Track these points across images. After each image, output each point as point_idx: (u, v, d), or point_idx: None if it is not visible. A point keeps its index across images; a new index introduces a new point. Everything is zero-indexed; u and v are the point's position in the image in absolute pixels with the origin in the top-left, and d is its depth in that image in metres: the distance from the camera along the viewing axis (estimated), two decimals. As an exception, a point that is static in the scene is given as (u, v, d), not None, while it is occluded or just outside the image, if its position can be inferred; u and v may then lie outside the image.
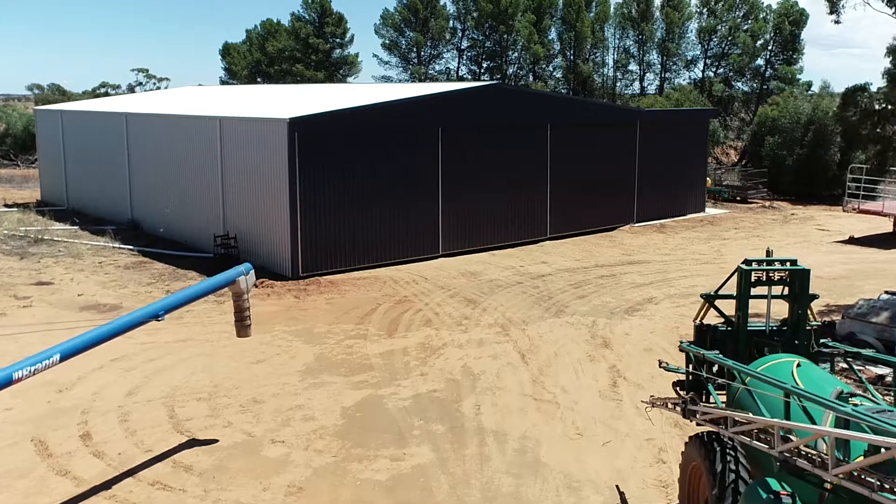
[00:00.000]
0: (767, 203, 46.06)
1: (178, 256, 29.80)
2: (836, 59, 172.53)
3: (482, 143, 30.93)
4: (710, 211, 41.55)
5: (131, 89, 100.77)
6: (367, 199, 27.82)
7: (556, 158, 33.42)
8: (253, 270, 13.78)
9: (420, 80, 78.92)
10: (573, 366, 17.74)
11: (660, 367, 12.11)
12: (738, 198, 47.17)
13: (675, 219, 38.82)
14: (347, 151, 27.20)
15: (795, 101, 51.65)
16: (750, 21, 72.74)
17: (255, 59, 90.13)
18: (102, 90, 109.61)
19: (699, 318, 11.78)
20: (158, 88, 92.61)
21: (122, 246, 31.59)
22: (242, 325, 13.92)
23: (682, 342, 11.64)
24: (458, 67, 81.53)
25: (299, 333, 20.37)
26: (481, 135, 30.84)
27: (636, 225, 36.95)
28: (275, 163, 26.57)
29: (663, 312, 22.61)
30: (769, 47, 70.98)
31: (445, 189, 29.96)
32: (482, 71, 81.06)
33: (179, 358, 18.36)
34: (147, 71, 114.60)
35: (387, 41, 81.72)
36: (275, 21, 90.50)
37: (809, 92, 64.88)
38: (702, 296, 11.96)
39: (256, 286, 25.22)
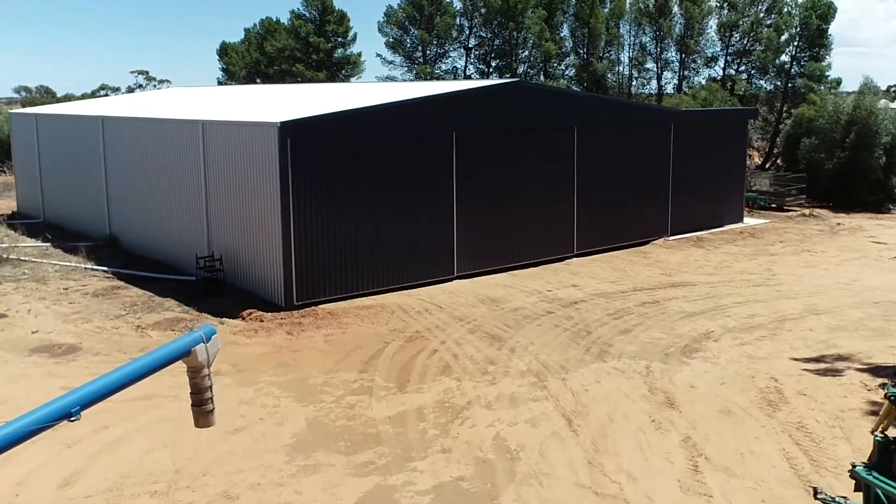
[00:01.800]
0: (807, 211, 42.24)
1: (156, 280, 26.12)
2: (839, 59, 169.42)
3: (501, 149, 27.22)
4: (749, 221, 37.75)
5: (131, 92, 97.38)
6: (371, 214, 24.12)
7: (584, 165, 29.69)
8: (217, 335, 10.00)
9: (426, 80, 75.23)
10: (635, 437, 13.99)
11: (815, 498, 8.28)
12: (774, 205, 43.37)
13: (713, 231, 35.03)
14: (348, 159, 23.52)
15: (836, 101, 47.75)
16: (773, 16, 68.84)
17: (253, 60, 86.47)
18: (102, 92, 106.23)
19: (880, 429, 7.94)
20: (163, 90, 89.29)
21: (94, 267, 27.90)
22: (202, 411, 10.12)
23: (854, 465, 7.82)
24: (466, 66, 77.78)
25: (290, 386, 16.66)
26: (500, 139, 27.13)
27: (670, 238, 33.19)
28: (264, 173, 22.88)
29: (728, 353, 18.85)
30: (795, 43, 67.07)
31: (460, 201, 26.25)
32: (490, 70, 77.26)
33: (137, 425, 14.65)
34: (147, 73, 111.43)
35: (390, 39, 77.96)
36: (274, 19, 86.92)
37: (840, 90, 61.02)
38: (887, 396, 8.03)
39: (243, 318, 21.57)
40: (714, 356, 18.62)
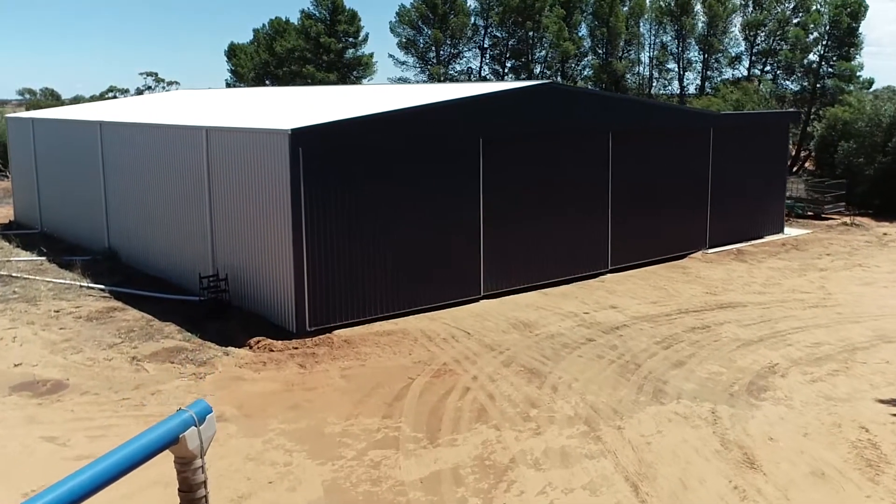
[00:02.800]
0: (848, 219, 39.81)
1: (157, 300, 24.00)
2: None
3: (531, 157, 24.98)
4: (789, 231, 35.37)
5: (140, 94, 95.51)
6: (391, 229, 21.92)
7: (619, 173, 27.42)
8: (212, 415, 7.76)
9: (440, 82, 73.07)
10: (718, 509, 11.72)
11: None
12: (811, 213, 40.95)
13: (753, 242, 32.67)
14: (366, 169, 21.32)
15: (875, 102, 45.29)
16: (801, 14, 66.35)
17: (262, 61, 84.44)
18: (110, 94, 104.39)
19: None
20: (167, 92, 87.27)
21: (90, 285, 25.80)
22: (194, 510, 7.88)
23: None
24: (481, 67, 75.63)
25: (303, 436, 14.44)
26: (530, 146, 24.89)
27: (709, 251, 30.85)
28: (274, 185, 20.70)
29: (801, 393, 16.54)
30: (823, 42, 64.53)
31: (487, 214, 24.03)
32: (506, 71, 75.04)
33: (125, 490, 12.43)
34: (156, 74, 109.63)
35: (403, 39, 75.85)
36: (283, 19, 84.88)
37: (873, 90, 58.53)
38: None
39: (250, 346, 19.39)
40: (786, 397, 16.31)
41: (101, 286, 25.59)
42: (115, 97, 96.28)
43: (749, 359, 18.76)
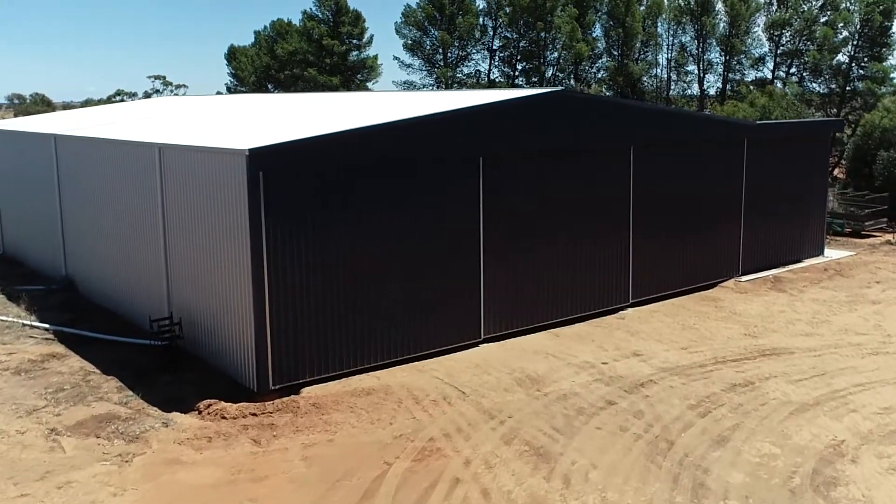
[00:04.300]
0: (891, 237, 36.08)
1: (105, 343, 20.68)
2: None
3: (540, 176, 21.52)
4: (830, 253, 31.68)
5: (148, 97, 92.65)
6: (373, 266, 18.49)
7: (641, 192, 23.91)
8: None
9: (447, 85, 69.71)
10: None
11: None
12: (849, 229, 37.25)
13: (791, 268, 29.01)
14: (343, 196, 17.91)
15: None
16: (829, 12, 62.50)
17: (264, 64, 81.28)
18: (118, 98, 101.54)
19: None
20: (176, 96, 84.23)
21: (35, 324, 22.51)
22: None
23: None
24: (490, 70, 72.13)
25: (237, 561, 11.01)
26: (539, 163, 21.43)
27: (743, 279, 27.23)
28: (231, 214, 17.32)
29: (883, 489, 12.97)
30: (854, 41, 60.67)
31: (489, 244, 20.56)
32: (516, 73, 71.51)
33: None
34: (164, 78, 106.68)
35: (409, 41, 72.42)
36: (286, 21, 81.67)
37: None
38: None
39: (199, 412, 16.02)
40: (864, 497, 12.75)
41: (47, 325, 22.28)
42: (122, 101, 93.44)
43: (807, 432, 15.21)
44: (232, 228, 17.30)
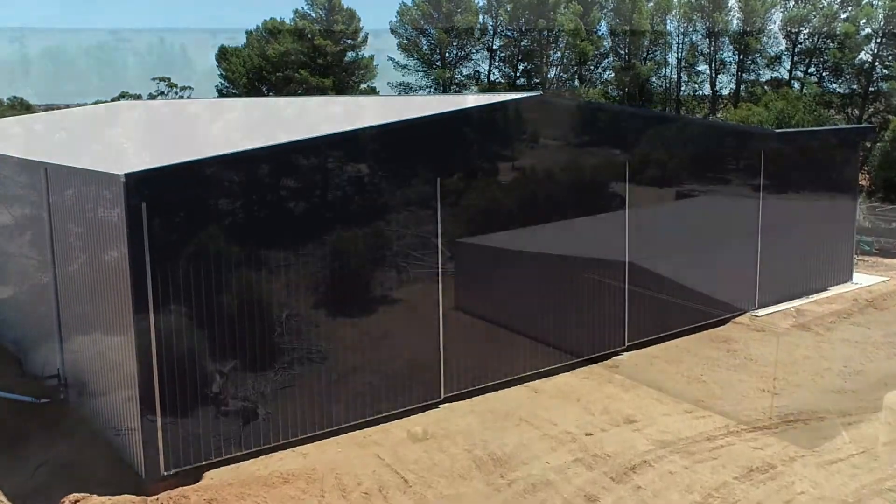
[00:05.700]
0: (926, 257, 32.19)
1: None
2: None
3: (516, 196, 17.82)
4: (858, 279, 27.72)
5: (153, 99, 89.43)
6: (299, 311, 14.82)
7: (638, 215, 20.15)
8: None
9: (444, 86, 66.14)
10: None
11: None
12: (878, 249, 33.37)
13: (816, 298, 25.07)
14: (255, 231, 14.26)
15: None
16: (850, 8, 58.51)
17: (255, 65, 77.89)
18: (121, 100, 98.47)
19: None
20: (181, 98, 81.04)
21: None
22: None
23: None
24: (490, 70, 68.40)
25: None
26: (514, 182, 17.74)
27: (759, 313, 23.38)
28: (112, 250, 13.73)
29: None
30: (877, 39, 56.65)
31: (449, 282, 16.86)
32: (518, 74, 67.73)
33: None
34: (168, 80, 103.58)
35: (404, 41, 68.90)
36: (279, 20, 78.33)
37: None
38: None
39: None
40: None
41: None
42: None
43: (849, 551, 11.45)
44: (113, 268, 13.71)
